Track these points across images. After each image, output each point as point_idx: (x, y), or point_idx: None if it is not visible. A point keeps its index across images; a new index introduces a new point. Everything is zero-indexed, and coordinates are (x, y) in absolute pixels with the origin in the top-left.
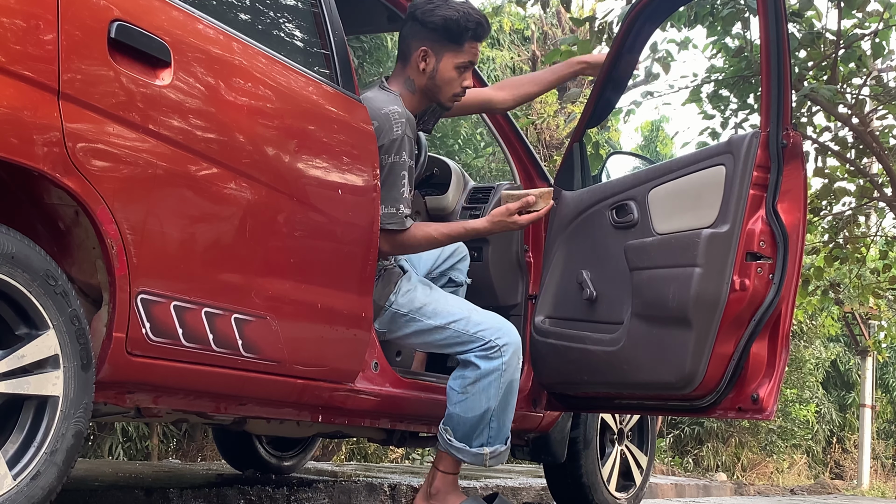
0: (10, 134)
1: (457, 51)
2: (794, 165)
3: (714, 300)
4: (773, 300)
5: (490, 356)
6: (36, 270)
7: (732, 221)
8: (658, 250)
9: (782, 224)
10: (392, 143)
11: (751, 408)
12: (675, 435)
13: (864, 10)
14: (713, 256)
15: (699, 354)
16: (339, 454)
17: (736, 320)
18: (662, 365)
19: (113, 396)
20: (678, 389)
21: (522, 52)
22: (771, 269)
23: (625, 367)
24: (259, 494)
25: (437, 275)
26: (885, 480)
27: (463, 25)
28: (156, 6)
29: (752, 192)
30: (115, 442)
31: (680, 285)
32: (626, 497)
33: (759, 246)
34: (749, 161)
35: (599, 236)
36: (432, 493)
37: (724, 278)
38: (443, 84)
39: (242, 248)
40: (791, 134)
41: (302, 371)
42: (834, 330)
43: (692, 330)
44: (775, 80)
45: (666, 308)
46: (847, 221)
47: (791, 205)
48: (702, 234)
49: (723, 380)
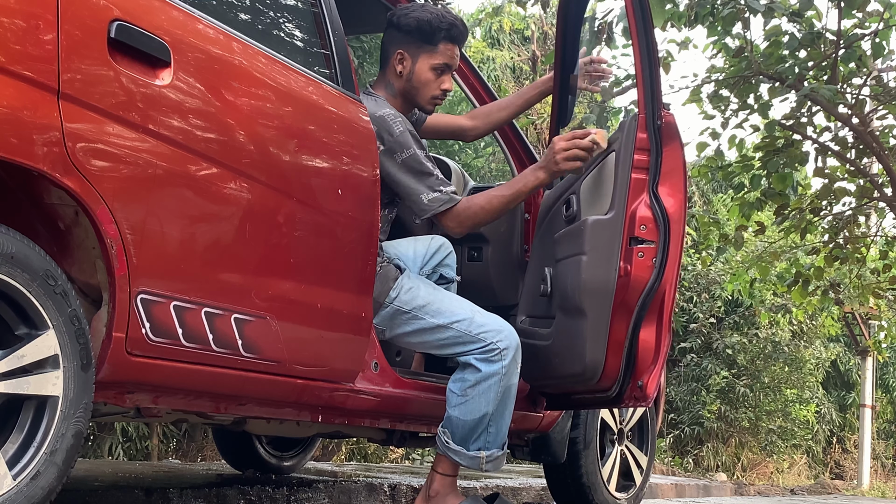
0: (9, 134)
1: (431, 52)
2: (672, 147)
3: (603, 287)
4: (655, 284)
5: (490, 359)
6: (36, 270)
7: (617, 206)
8: (565, 241)
9: (663, 207)
10: (397, 142)
11: (638, 395)
12: (675, 435)
13: (864, 10)
14: (598, 242)
15: (596, 343)
16: (339, 454)
17: (625, 307)
18: (573, 356)
19: (113, 396)
20: (588, 380)
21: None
22: (653, 254)
23: (555, 360)
24: (259, 494)
25: (429, 272)
26: (885, 480)
27: (436, 26)
28: (156, 6)
29: (635, 176)
30: (115, 442)
31: (574, 274)
32: (627, 497)
33: (640, 230)
34: (630, 144)
35: (556, 232)
36: (431, 496)
37: (612, 264)
38: (420, 86)
39: (242, 248)
40: (664, 114)
41: (302, 371)
42: (834, 330)
43: (587, 318)
44: (646, 61)
45: (567, 298)
46: (847, 221)
47: (672, 188)
48: (587, 222)
49: (621, 368)
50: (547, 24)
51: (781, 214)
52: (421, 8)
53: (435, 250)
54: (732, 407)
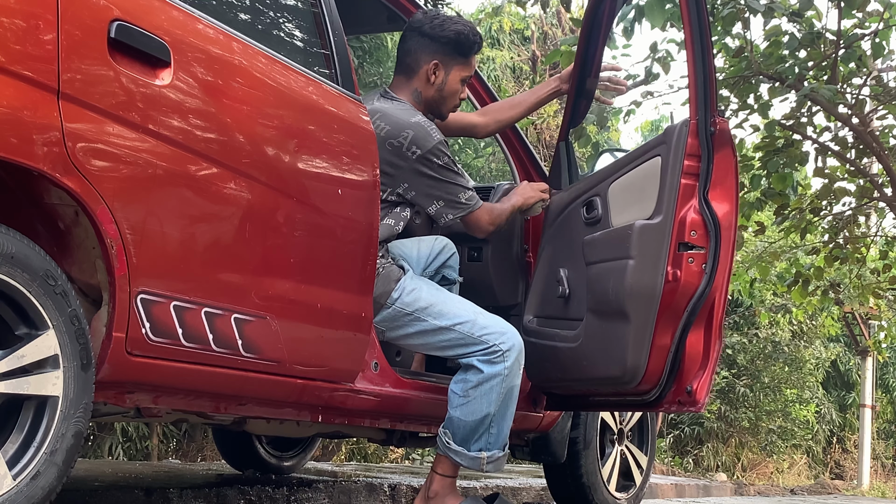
0: (9, 134)
1: (464, 64)
2: (725, 153)
3: (649, 292)
4: (705, 290)
5: (493, 360)
6: (35, 270)
7: (665, 212)
8: (603, 244)
9: (714, 213)
10: (436, 148)
11: (686, 401)
12: (675, 435)
13: (864, 10)
14: (646, 248)
15: (639, 347)
16: (339, 454)
17: (671, 312)
18: (609, 359)
19: (113, 396)
20: (626, 384)
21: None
22: (703, 259)
23: (584, 363)
24: (259, 494)
25: (432, 273)
26: (885, 480)
27: (473, 40)
28: (156, 6)
29: (684, 182)
30: (115, 442)
31: (616, 278)
32: (627, 497)
33: (690, 236)
34: (680, 150)
35: (574, 234)
36: (431, 496)
37: (659, 270)
38: (448, 96)
39: (242, 247)
40: (718, 121)
41: (302, 371)
42: (834, 330)
43: (630, 322)
44: (700, 67)
45: (608, 302)
46: (847, 221)
47: (723, 193)
48: (634, 226)
49: (664, 373)
50: (547, 24)
51: (781, 214)
52: (452, 20)
53: (439, 251)
54: (732, 407)
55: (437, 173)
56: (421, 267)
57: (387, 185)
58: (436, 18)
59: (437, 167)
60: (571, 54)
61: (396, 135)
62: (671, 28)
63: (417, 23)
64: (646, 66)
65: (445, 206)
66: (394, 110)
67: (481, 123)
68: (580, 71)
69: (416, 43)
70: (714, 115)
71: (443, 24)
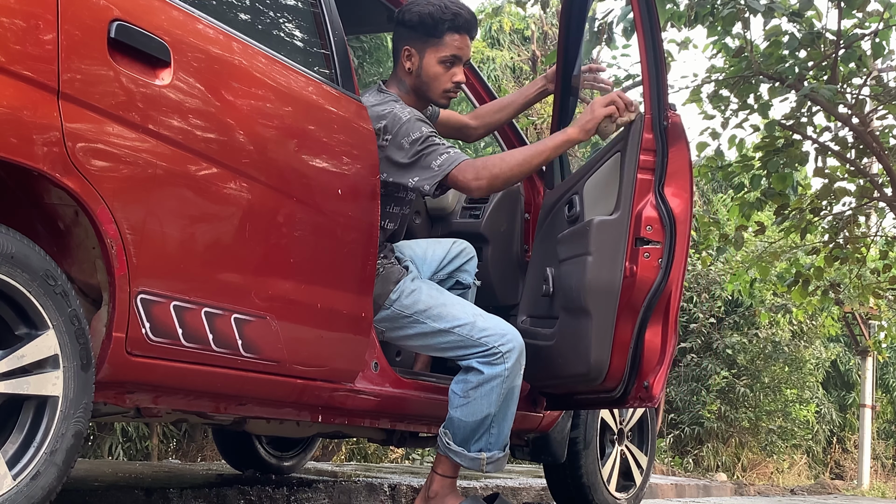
0: (9, 134)
1: (437, 45)
2: (678, 147)
3: (608, 287)
4: (661, 285)
5: (493, 362)
6: (35, 270)
7: (623, 207)
8: (569, 242)
9: (669, 208)
10: (406, 125)
11: (644, 396)
12: (675, 435)
13: (864, 10)
14: (604, 243)
15: (601, 344)
16: (339, 454)
17: (631, 308)
18: (577, 357)
19: (113, 396)
20: (592, 381)
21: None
22: (659, 254)
23: (559, 361)
24: (259, 494)
25: (445, 276)
26: (885, 480)
27: (438, 17)
28: (156, 6)
29: (640, 177)
30: (115, 442)
31: (578, 274)
32: (627, 497)
33: (646, 231)
34: (636, 145)
35: (558, 232)
36: (431, 496)
37: (618, 265)
38: (429, 80)
39: (242, 248)
40: (671, 114)
41: (302, 371)
42: (834, 330)
43: (591, 319)
44: (652, 62)
45: (572, 299)
46: (847, 221)
47: (678, 188)
48: (592, 222)
49: (626, 369)
50: (547, 24)
51: (781, 214)
52: (424, 2)
53: (455, 255)
54: (732, 407)
55: (407, 153)
56: (431, 270)
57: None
58: (409, 4)
59: (410, 143)
60: None
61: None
62: (671, 28)
63: (396, 13)
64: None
65: (420, 179)
66: (372, 104)
67: (472, 126)
68: (563, 69)
69: (395, 33)
70: (667, 109)
71: (410, 9)
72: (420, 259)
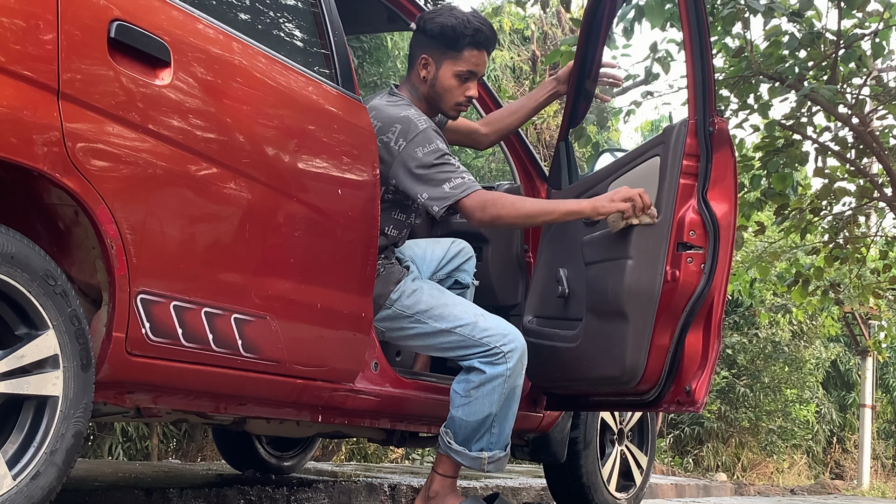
0: (9, 134)
1: (455, 58)
2: (723, 153)
3: (648, 291)
4: (704, 290)
5: (494, 362)
6: (35, 270)
7: (664, 211)
8: (601, 244)
9: (713, 213)
10: (422, 135)
11: (685, 400)
12: (675, 435)
13: (864, 10)
14: (645, 247)
15: (638, 347)
16: (339, 454)
17: (671, 312)
18: (608, 359)
19: (113, 396)
20: (625, 383)
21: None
22: (702, 259)
23: (583, 363)
24: (259, 494)
25: (444, 276)
26: (885, 480)
27: (460, 31)
28: (156, 6)
29: (683, 182)
30: (114, 442)
31: (615, 278)
32: (627, 497)
33: (689, 236)
34: (679, 149)
35: (574, 233)
36: (431, 496)
37: (658, 269)
38: (443, 92)
39: (242, 247)
40: (717, 120)
41: (301, 371)
42: (834, 330)
43: (629, 322)
44: (699, 67)
45: (606, 301)
46: (847, 221)
47: (721, 193)
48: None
49: (663, 372)
50: (547, 24)
51: (781, 214)
52: (448, 12)
53: (454, 255)
54: (732, 407)
55: (421, 165)
56: (431, 269)
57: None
58: (432, 13)
59: (422, 157)
60: (571, 54)
61: (386, 130)
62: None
63: (418, 18)
64: (646, 66)
65: (430, 197)
66: (385, 106)
67: (482, 132)
68: (579, 71)
69: (413, 39)
70: (713, 115)
71: (433, 18)
72: (420, 259)
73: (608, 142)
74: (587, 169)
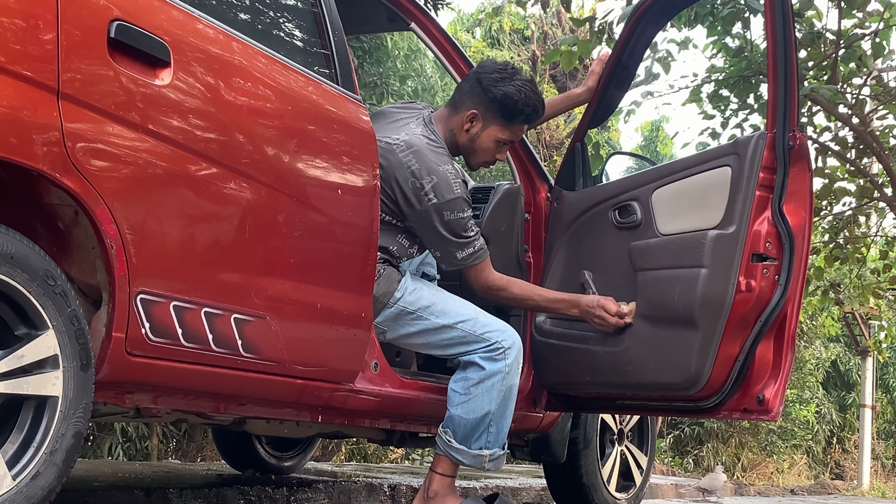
0: (9, 134)
1: (504, 126)
2: (801, 167)
3: (720, 301)
4: (780, 301)
5: (495, 358)
6: (35, 270)
7: (739, 222)
8: (663, 251)
9: (788, 225)
10: (453, 202)
11: (756, 409)
12: (675, 435)
13: (864, 10)
14: (719, 257)
15: (705, 355)
16: (339, 454)
17: (742, 321)
18: (668, 366)
19: (112, 396)
20: (683, 390)
21: (522, 52)
22: (777, 271)
23: (628, 367)
24: (259, 494)
25: (414, 270)
26: (885, 481)
27: (520, 108)
28: (156, 6)
29: (759, 194)
30: (114, 442)
31: (686, 286)
32: (627, 497)
33: (764, 247)
34: (755, 162)
35: (602, 237)
36: (430, 496)
37: (731, 279)
38: (479, 150)
39: (242, 248)
40: (798, 135)
41: (301, 371)
42: (834, 330)
43: (698, 331)
44: (782, 80)
45: (671, 309)
46: (847, 221)
47: (797, 206)
48: (708, 235)
49: (728, 381)
50: (547, 24)
51: None
52: (511, 80)
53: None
54: None
55: (443, 227)
56: (413, 266)
57: (397, 215)
58: (500, 72)
59: (445, 222)
60: (571, 54)
61: (421, 176)
62: (671, 28)
63: (481, 68)
64: (646, 66)
65: (442, 257)
66: (426, 149)
67: None
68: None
69: (469, 85)
70: (794, 130)
71: (498, 81)
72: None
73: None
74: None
